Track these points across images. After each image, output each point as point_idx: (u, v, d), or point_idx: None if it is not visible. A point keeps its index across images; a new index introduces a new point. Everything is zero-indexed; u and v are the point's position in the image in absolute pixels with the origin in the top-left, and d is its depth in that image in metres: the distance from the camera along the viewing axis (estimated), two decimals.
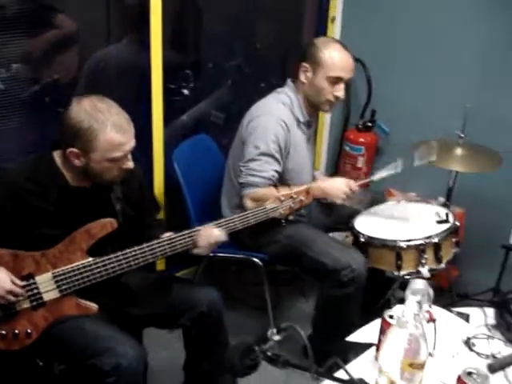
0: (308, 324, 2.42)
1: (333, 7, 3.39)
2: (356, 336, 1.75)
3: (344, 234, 2.56)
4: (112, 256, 1.77)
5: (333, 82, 2.34)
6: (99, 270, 1.76)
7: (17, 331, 1.74)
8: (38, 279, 1.74)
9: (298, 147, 2.43)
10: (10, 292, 1.68)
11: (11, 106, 2.27)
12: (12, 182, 1.75)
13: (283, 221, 2.05)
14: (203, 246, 1.87)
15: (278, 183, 2.25)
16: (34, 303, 1.75)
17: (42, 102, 2.37)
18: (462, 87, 2.92)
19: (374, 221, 2.46)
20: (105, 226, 1.78)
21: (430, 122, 3.03)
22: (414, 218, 2.45)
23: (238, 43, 3.15)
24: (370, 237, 2.32)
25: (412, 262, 2.26)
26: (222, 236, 1.90)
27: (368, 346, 1.65)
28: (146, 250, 1.79)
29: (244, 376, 1.25)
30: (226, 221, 1.92)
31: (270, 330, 1.29)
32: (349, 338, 1.75)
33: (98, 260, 1.76)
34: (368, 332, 1.73)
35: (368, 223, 2.43)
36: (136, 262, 1.79)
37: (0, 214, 1.73)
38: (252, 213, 1.95)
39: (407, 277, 2.24)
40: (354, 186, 2.34)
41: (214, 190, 2.62)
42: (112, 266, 1.77)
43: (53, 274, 1.75)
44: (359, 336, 1.75)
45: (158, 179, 2.81)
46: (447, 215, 2.38)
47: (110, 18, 2.56)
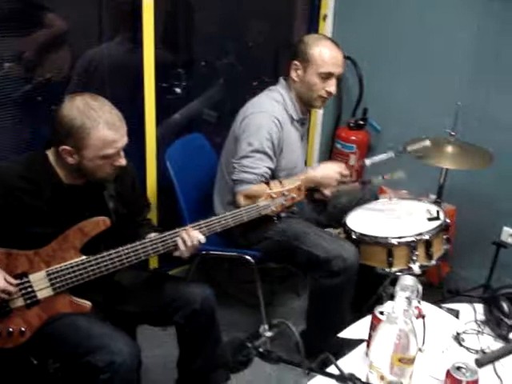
0: (300, 321, 2.43)
1: (324, 5, 3.40)
2: (347, 332, 1.77)
3: (336, 231, 2.57)
4: (105, 254, 1.77)
5: (324, 77, 2.35)
6: (92, 268, 1.77)
7: (11, 329, 1.74)
8: (32, 277, 1.75)
9: (291, 144, 2.45)
10: (4, 290, 1.68)
11: (3, 104, 2.26)
12: (5, 180, 1.74)
13: (275, 218, 2.06)
14: (182, 248, 1.84)
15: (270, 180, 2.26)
16: (28, 301, 1.75)
17: (35, 100, 2.36)
18: (454, 85, 2.94)
19: (366, 218, 2.48)
20: (98, 224, 1.79)
21: (421, 119, 3.05)
22: (405, 216, 2.47)
23: (230, 42, 3.15)
24: (361, 234, 2.34)
25: (403, 258, 2.27)
26: (201, 238, 1.85)
27: (359, 341, 1.67)
28: (139, 247, 1.80)
29: (237, 372, 1.26)
30: (206, 222, 1.89)
31: (262, 327, 1.31)
32: (340, 335, 1.77)
33: (92, 258, 1.77)
34: (359, 328, 1.74)
35: (360, 220, 2.45)
36: (129, 260, 1.79)
37: None
38: (245, 210, 1.95)
39: (398, 273, 2.26)
40: (344, 172, 2.43)
41: (206, 188, 2.63)
42: (105, 263, 1.77)
43: (46, 272, 1.75)
44: (350, 332, 1.76)
45: (151, 178, 2.81)
46: (438, 212, 2.40)
47: (102, 17, 2.55)
